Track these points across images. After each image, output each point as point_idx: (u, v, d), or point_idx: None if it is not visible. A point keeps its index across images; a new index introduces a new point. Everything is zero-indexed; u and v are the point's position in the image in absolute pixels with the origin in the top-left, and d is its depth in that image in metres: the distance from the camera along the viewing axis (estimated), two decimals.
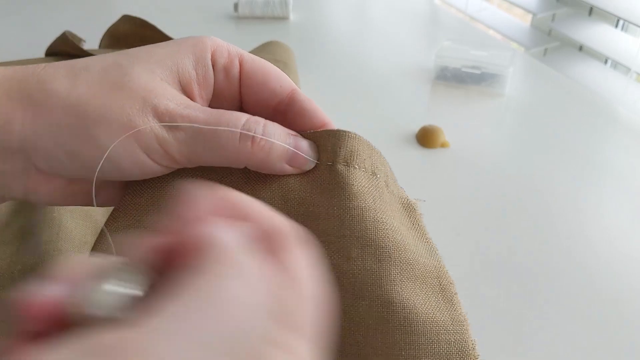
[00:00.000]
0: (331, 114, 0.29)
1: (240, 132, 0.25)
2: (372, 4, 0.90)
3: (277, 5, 0.81)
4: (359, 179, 0.26)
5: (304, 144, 0.27)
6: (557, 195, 0.51)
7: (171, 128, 0.25)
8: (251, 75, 0.28)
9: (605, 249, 0.45)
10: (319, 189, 0.26)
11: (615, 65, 0.76)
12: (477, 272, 0.43)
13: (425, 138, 0.56)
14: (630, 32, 0.74)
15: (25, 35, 0.78)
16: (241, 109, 0.29)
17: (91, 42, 0.68)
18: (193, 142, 0.25)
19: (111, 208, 0.46)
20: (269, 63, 0.29)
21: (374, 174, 0.27)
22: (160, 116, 0.25)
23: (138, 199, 0.27)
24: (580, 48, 0.79)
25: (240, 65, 0.28)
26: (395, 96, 0.65)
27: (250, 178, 0.27)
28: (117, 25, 0.66)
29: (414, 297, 0.25)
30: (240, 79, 0.28)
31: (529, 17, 0.85)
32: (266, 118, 0.26)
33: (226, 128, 0.25)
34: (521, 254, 0.45)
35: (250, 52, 0.72)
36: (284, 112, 0.28)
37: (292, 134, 0.27)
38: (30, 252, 0.39)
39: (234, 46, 0.28)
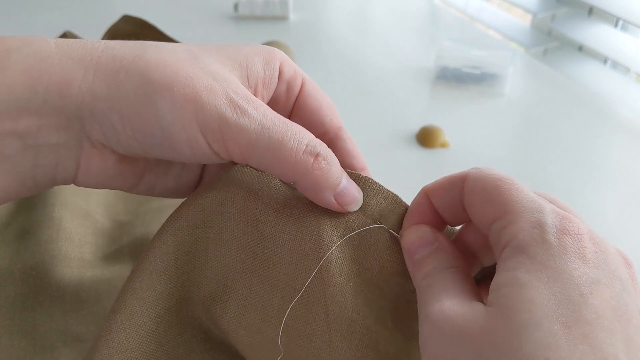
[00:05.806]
0: None
1: (307, 144, 0.24)
2: (372, 4, 0.90)
3: (277, 5, 0.81)
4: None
5: (354, 185, 0.26)
6: (556, 195, 0.51)
7: (237, 114, 0.24)
8: (308, 98, 0.28)
9: None
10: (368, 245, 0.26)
11: (615, 65, 0.76)
12: None
13: (425, 138, 0.56)
14: (629, 32, 0.74)
15: (25, 35, 0.78)
16: None
17: None
18: (255, 136, 0.24)
19: (110, 208, 0.46)
20: (326, 96, 0.29)
21: None
22: (229, 101, 0.24)
23: (202, 200, 0.27)
24: (580, 48, 0.79)
25: (302, 86, 0.28)
26: (395, 96, 0.65)
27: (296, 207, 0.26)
28: (117, 25, 0.66)
29: None
30: (296, 99, 0.28)
31: (529, 17, 0.85)
32: None
33: (294, 134, 0.24)
34: None
35: None
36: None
37: (344, 171, 0.26)
38: (30, 252, 0.39)
39: (299, 68, 0.28)
